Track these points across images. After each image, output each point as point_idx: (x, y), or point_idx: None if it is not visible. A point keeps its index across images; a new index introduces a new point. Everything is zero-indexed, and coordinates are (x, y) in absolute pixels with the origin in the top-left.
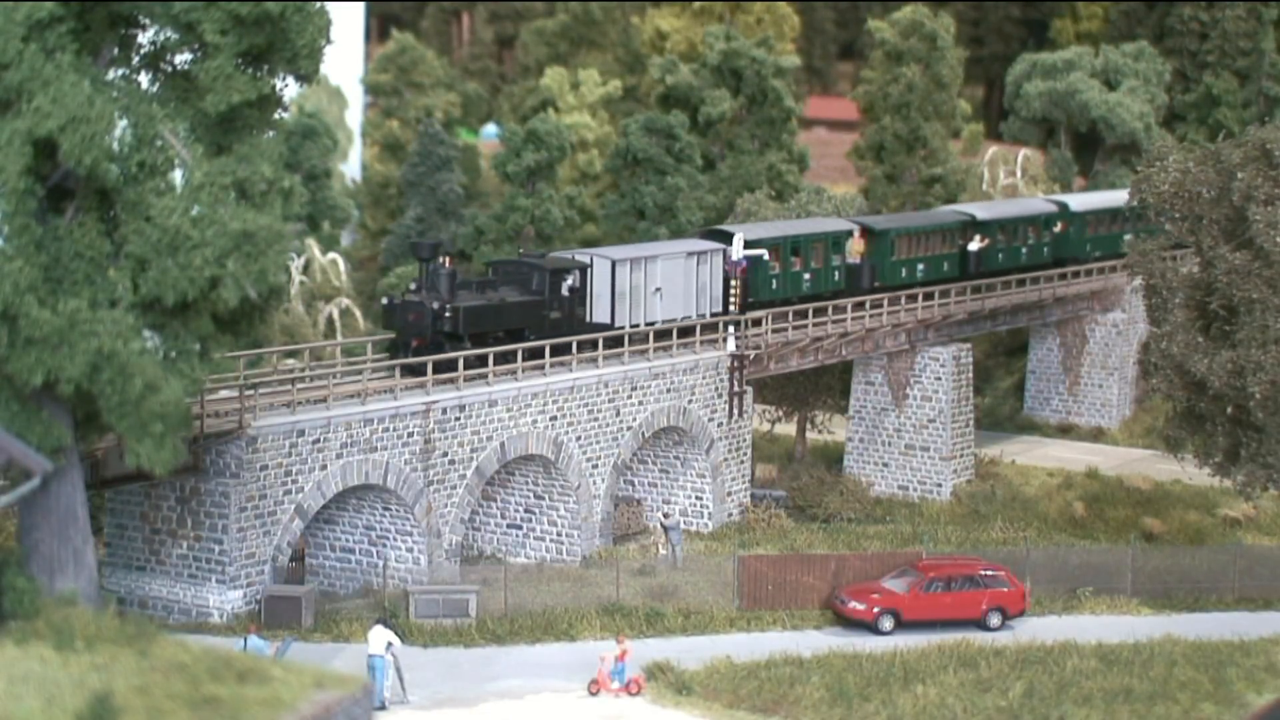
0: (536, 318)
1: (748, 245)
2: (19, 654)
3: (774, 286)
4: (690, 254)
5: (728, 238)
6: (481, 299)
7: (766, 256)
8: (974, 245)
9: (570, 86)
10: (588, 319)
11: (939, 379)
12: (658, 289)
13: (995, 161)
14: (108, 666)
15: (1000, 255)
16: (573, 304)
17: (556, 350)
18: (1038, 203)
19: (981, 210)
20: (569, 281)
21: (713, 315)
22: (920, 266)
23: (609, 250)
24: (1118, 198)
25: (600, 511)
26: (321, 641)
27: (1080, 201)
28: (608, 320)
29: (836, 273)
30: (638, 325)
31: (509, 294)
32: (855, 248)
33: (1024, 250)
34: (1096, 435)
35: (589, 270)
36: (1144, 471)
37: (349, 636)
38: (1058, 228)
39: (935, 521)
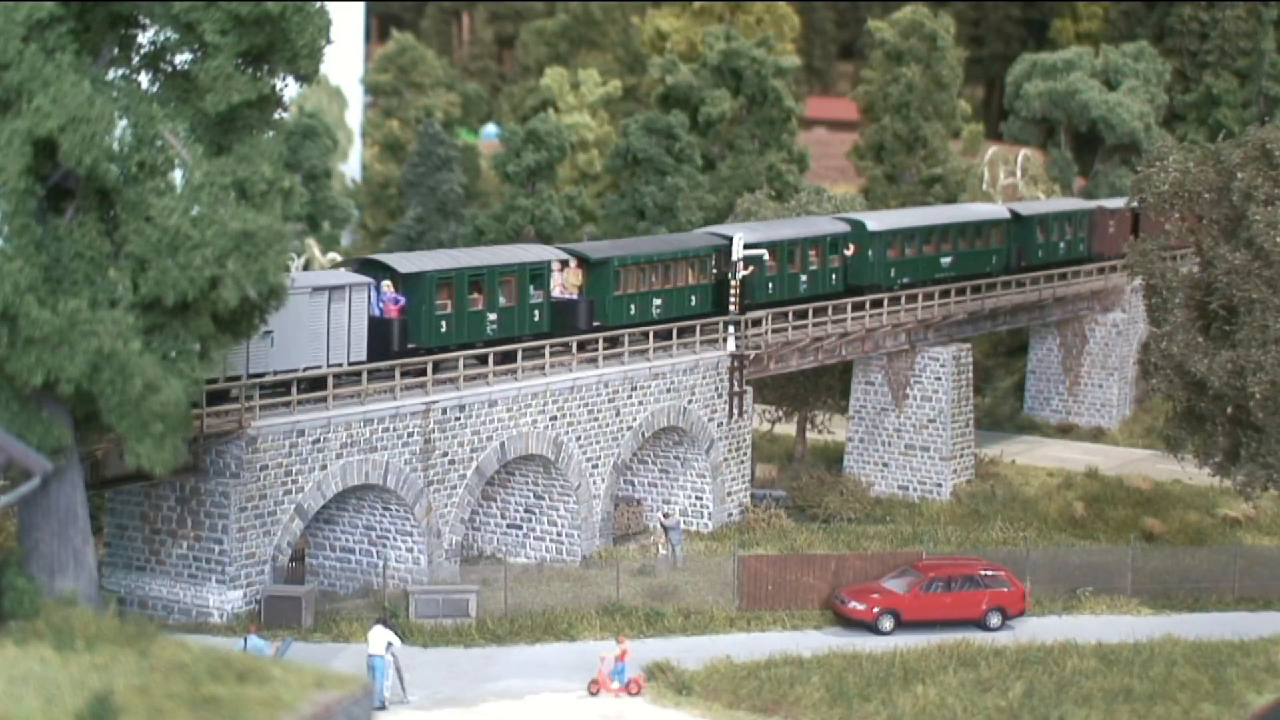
0: None
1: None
2: (19, 654)
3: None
4: (317, 290)
5: (380, 268)
6: None
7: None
8: (738, 273)
9: (570, 86)
10: None
11: (939, 379)
12: (268, 332)
13: (995, 161)
14: (108, 666)
15: (771, 285)
16: None
17: (556, 350)
18: (825, 222)
19: (747, 232)
20: None
21: (352, 364)
22: (656, 302)
23: None
24: (938, 214)
25: (600, 511)
26: (321, 641)
27: (882, 220)
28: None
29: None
30: (239, 378)
31: None
32: (569, 280)
33: (804, 278)
34: (1096, 435)
35: None
36: (1144, 471)
37: (349, 636)
38: (849, 250)
39: (935, 521)
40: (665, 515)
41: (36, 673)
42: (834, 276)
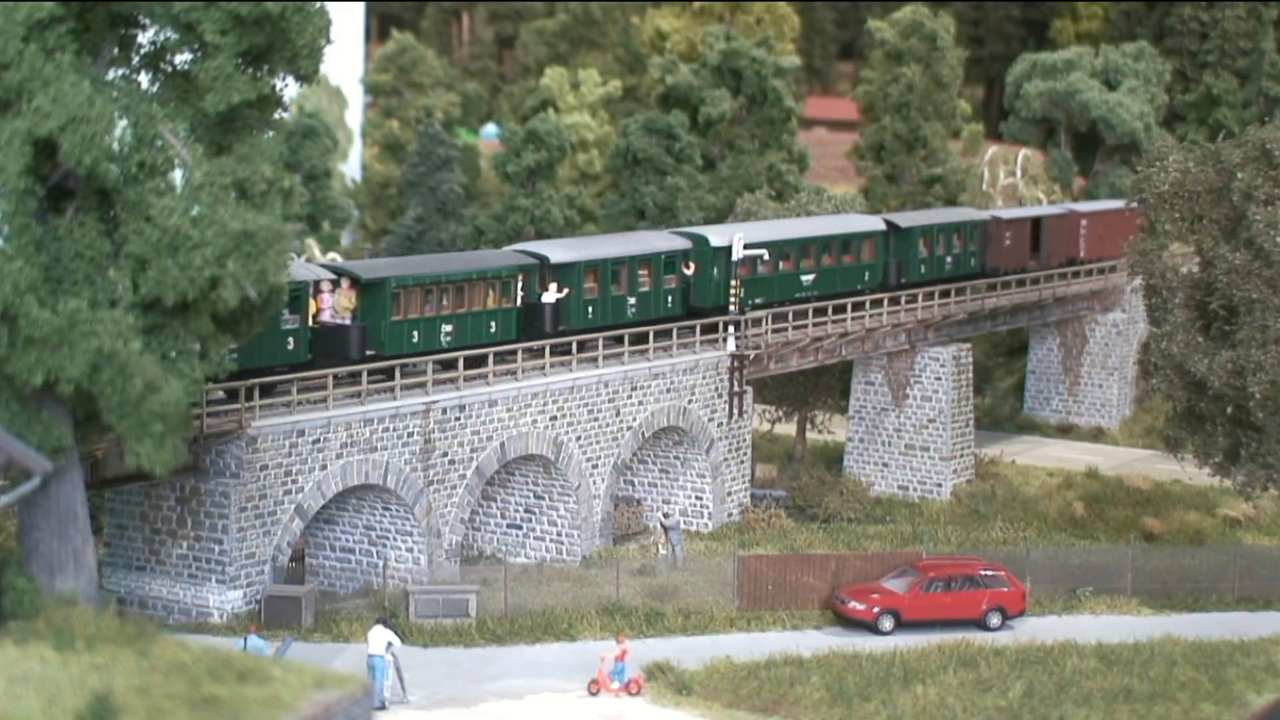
0: None
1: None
2: (19, 654)
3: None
4: None
5: None
6: None
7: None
8: (549, 296)
9: (570, 86)
10: None
11: (939, 379)
12: None
13: (995, 162)
14: (108, 666)
15: (590, 310)
16: None
17: (556, 350)
18: (660, 237)
19: (560, 250)
20: None
21: None
22: (446, 329)
23: None
24: (797, 226)
25: (600, 511)
26: (321, 641)
27: (729, 235)
28: None
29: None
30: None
31: None
32: (339, 303)
33: (631, 301)
34: (1096, 435)
35: None
36: (1144, 471)
37: (349, 636)
38: (689, 269)
39: (935, 521)
40: (665, 515)
41: (36, 673)
42: (669, 299)
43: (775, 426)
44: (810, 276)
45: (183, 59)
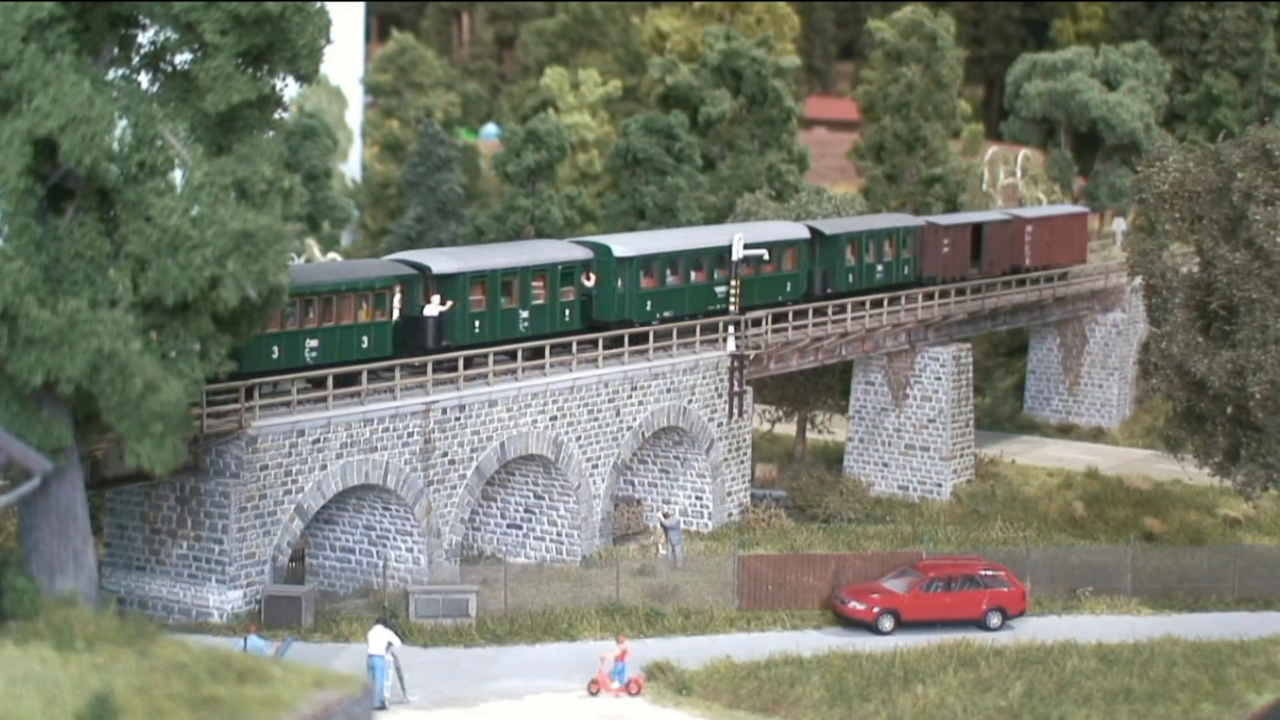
0: None
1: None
2: (19, 654)
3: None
4: None
5: None
6: None
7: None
8: (432, 309)
9: (570, 86)
10: None
11: (939, 379)
12: None
13: (995, 161)
14: (108, 666)
15: (477, 324)
16: None
17: (556, 350)
18: (556, 247)
19: (444, 260)
20: None
21: None
22: (311, 344)
23: None
24: (711, 235)
25: (600, 511)
26: (321, 641)
27: (633, 244)
28: None
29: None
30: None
31: None
32: None
33: (524, 314)
34: (1096, 435)
35: None
36: (1144, 471)
37: (349, 636)
38: (589, 280)
39: (935, 521)
40: (665, 515)
41: (36, 673)
42: (566, 312)
43: (775, 426)
44: (725, 287)
45: (183, 59)
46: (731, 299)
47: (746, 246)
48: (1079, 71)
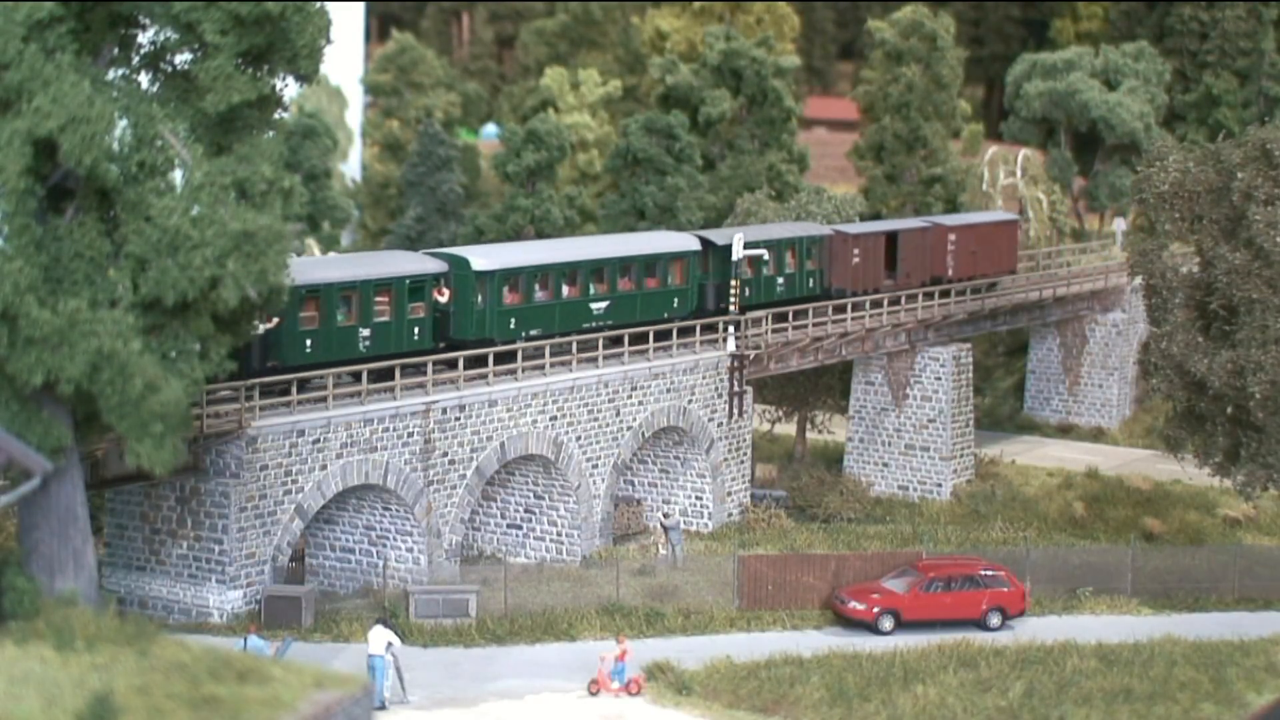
0: None
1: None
2: (19, 654)
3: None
4: None
5: None
6: None
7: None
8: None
9: (570, 86)
10: None
11: (939, 379)
12: None
13: (995, 162)
14: (108, 666)
15: (309, 343)
16: None
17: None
18: (407, 259)
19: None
20: None
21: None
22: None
23: None
24: (588, 246)
25: (600, 511)
26: (321, 641)
27: (495, 257)
28: None
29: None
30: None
31: None
32: None
33: (364, 332)
34: (1096, 435)
35: None
36: (1144, 471)
37: (349, 636)
38: (443, 296)
39: (935, 521)
40: (665, 515)
41: (36, 673)
42: (415, 330)
43: (775, 426)
44: (602, 304)
45: (183, 59)
46: (732, 299)
47: (747, 246)
48: (1079, 71)
